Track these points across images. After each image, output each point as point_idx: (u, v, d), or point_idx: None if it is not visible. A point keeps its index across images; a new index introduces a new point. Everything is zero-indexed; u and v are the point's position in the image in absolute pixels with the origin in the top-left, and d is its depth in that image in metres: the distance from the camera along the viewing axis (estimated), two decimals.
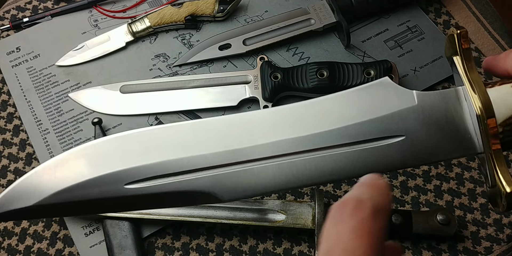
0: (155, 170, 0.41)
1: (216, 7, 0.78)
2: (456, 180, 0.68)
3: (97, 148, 0.42)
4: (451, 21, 0.79)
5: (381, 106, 0.41)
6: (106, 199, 0.41)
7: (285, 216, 0.63)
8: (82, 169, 0.41)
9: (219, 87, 0.73)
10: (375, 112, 0.41)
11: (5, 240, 0.68)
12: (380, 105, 0.41)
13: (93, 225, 0.67)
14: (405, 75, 0.75)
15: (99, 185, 0.41)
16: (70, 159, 0.42)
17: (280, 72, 0.71)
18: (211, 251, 0.66)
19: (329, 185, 0.69)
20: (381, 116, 0.41)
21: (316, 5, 0.77)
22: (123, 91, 0.74)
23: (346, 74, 0.70)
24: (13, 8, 0.84)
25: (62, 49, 0.78)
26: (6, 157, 0.73)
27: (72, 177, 0.41)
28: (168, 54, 0.78)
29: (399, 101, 0.41)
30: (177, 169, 0.41)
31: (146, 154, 0.41)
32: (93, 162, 0.41)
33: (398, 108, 0.41)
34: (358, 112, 0.41)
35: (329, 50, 0.77)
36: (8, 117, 0.76)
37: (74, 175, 0.41)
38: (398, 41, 0.77)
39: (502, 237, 0.65)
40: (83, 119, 0.74)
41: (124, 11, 0.81)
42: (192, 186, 0.41)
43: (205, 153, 0.41)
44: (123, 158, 0.41)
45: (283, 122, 0.42)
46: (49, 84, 0.77)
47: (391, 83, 0.42)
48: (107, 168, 0.41)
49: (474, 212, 0.66)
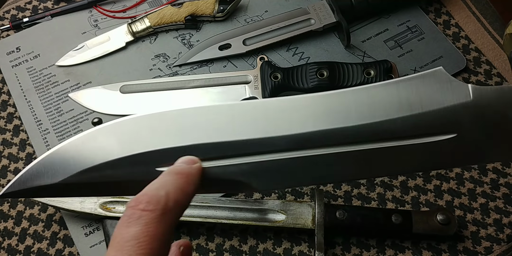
0: (189, 153, 0.38)
1: (216, 7, 0.78)
2: (456, 180, 0.68)
3: (128, 126, 0.39)
4: (451, 21, 0.79)
5: (432, 100, 0.38)
6: (135, 181, 0.38)
7: (285, 216, 0.63)
8: (112, 147, 0.38)
9: (219, 87, 0.73)
10: (426, 106, 0.38)
11: (5, 240, 0.68)
12: (432, 98, 0.38)
13: (93, 225, 0.67)
14: (405, 75, 0.74)
15: (129, 165, 0.38)
16: (99, 135, 0.39)
17: (280, 72, 0.71)
18: (211, 251, 0.66)
19: (329, 185, 0.69)
20: (431, 110, 0.38)
21: (316, 5, 0.77)
22: (123, 91, 0.74)
23: (346, 74, 0.70)
24: (13, 8, 0.84)
25: (62, 49, 0.78)
26: (6, 157, 0.73)
27: (101, 155, 0.38)
28: (168, 54, 0.78)
29: (452, 95, 0.38)
30: (212, 154, 0.38)
31: (181, 135, 0.38)
32: (123, 141, 0.38)
33: (451, 103, 0.38)
34: (406, 104, 0.38)
35: (329, 50, 0.77)
36: (8, 117, 0.76)
37: (102, 153, 0.38)
38: (398, 41, 0.77)
39: (502, 237, 0.65)
40: (83, 119, 0.74)
41: (124, 11, 0.81)
42: (228, 172, 0.38)
43: (244, 138, 0.38)
44: (156, 138, 0.38)
45: (328, 110, 0.38)
46: (49, 84, 0.77)
47: (446, 74, 0.38)
48: (138, 147, 0.38)
49: (474, 212, 0.66)
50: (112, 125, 0.39)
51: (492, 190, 0.68)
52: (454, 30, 0.79)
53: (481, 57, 0.77)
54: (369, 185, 0.69)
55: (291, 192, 0.68)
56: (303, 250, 0.65)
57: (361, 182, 0.69)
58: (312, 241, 0.65)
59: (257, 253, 0.65)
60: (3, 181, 0.71)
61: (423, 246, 0.65)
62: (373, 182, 0.69)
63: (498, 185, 0.68)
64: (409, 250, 0.64)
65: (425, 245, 0.65)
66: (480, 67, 0.76)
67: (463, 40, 0.78)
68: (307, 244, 0.66)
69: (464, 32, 0.78)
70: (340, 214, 0.63)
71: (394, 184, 0.68)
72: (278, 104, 0.39)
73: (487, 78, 0.75)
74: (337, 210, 0.63)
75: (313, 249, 0.65)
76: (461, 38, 0.78)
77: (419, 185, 0.68)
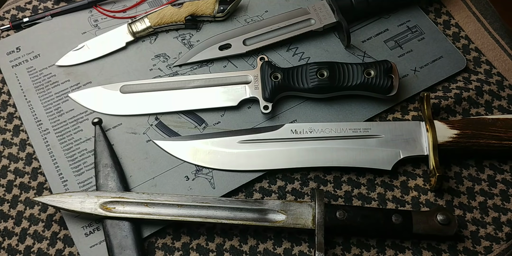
0: None
1: (216, 7, 0.78)
2: (455, 179, 0.68)
3: None
4: (451, 21, 0.79)
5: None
6: None
7: (285, 216, 0.63)
8: None
9: (219, 87, 0.73)
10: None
11: (5, 240, 0.68)
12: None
13: (93, 225, 0.67)
14: (405, 75, 0.75)
15: None
16: None
17: (280, 72, 0.71)
18: (211, 251, 0.66)
19: (329, 185, 0.69)
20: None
21: (316, 5, 0.77)
22: (123, 91, 0.74)
23: (346, 74, 0.70)
24: (13, 8, 0.84)
25: (62, 49, 0.78)
26: (6, 157, 0.73)
27: None
28: (168, 54, 0.78)
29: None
30: None
31: None
32: None
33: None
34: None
35: (329, 50, 0.77)
36: (8, 117, 0.76)
37: None
38: (398, 41, 0.77)
39: (501, 236, 0.65)
40: (83, 119, 0.74)
41: (124, 11, 0.81)
42: None
43: None
44: None
45: None
46: (49, 84, 0.77)
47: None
48: None
49: (473, 211, 0.66)
50: None
51: (490, 188, 0.68)
52: (454, 30, 0.79)
53: (481, 57, 0.77)
54: (369, 185, 0.69)
55: (291, 192, 0.68)
56: (303, 250, 0.65)
57: (361, 182, 0.69)
58: (312, 241, 0.66)
59: (257, 253, 0.65)
60: (3, 181, 0.71)
61: (423, 246, 0.65)
62: (374, 182, 0.69)
63: (495, 181, 0.68)
64: (409, 250, 0.64)
65: (425, 245, 0.65)
66: (480, 67, 0.76)
67: (463, 40, 0.78)
68: (307, 244, 0.66)
69: (464, 32, 0.78)
70: (340, 214, 0.63)
71: (395, 184, 0.68)
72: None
73: (487, 77, 0.75)
74: (337, 210, 0.63)
75: (313, 249, 0.65)
76: (461, 38, 0.78)
77: (419, 185, 0.68)
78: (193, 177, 0.69)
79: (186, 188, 0.69)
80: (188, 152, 0.70)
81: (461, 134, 0.66)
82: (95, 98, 0.75)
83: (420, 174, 0.69)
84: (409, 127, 0.68)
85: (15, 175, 0.72)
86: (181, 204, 0.64)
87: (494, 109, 0.73)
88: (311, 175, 0.69)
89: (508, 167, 0.69)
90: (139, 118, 0.74)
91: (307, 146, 0.69)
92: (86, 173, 0.70)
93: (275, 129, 0.70)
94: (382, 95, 0.71)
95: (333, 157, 0.68)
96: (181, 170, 0.70)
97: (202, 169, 0.70)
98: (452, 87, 0.74)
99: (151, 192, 0.67)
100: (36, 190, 0.70)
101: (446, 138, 0.66)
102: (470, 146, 0.66)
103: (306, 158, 0.68)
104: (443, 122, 0.67)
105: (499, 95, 0.74)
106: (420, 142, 0.67)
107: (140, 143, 0.72)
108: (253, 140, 0.70)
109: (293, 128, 0.70)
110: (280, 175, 0.70)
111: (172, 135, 0.72)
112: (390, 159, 0.67)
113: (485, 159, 0.70)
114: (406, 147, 0.67)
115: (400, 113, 0.73)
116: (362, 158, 0.68)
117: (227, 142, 0.70)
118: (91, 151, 0.72)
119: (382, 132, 0.68)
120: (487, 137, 0.66)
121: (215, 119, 0.73)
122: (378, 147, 0.68)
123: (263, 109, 0.71)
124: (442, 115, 0.72)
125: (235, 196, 0.68)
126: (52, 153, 0.72)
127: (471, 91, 0.73)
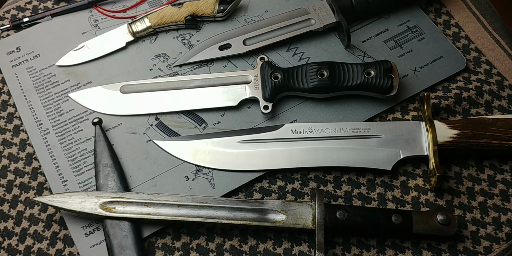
0: None
1: (216, 7, 0.78)
2: (455, 179, 0.68)
3: None
4: (451, 21, 0.79)
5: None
6: None
7: (285, 216, 0.63)
8: None
9: (219, 87, 0.73)
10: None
11: (5, 240, 0.68)
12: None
13: (93, 225, 0.67)
14: (405, 75, 0.75)
15: None
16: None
17: (280, 72, 0.71)
18: (211, 251, 0.66)
19: (329, 185, 0.69)
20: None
21: (316, 5, 0.77)
22: (123, 91, 0.74)
23: (346, 74, 0.70)
24: (13, 8, 0.84)
25: (62, 49, 0.78)
26: (6, 157, 0.73)
27: None
28: (168, 54, 0.78)
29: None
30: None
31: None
32: None
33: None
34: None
35: (329, 50, 0.77)
36: (8, 117, 0.76)
37: None
38: (398, 41, 0.77)
39: (501, 236, 0.65)
40: (83, 119, 0.74)
41: (124, 11, 0.81)
42: None
43: None
44: None
45: None
46: (49, 84, 0.77)
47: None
48: None
49: (473, 211, 0.66)
50: None
51: (490, 188, 0.68)
52: (454, 30, 0.79)
53: (481, 57, 0.77)
54: (369, 185, 0.69)
55: (291, 192, 0.68)
56: (303, 250, 0.65)
57: (361, 182, 0.69)
58: (312, 241, 0.66)
59: (257, 253, 0.65)
60: (3, 181, 0.71)
61: (423, 246, 0.65)
62: (374, 182, 0.69)
63: (495, 181, 0.68)
64: (409, 250, 0.64)
65: (425, 245, 0.65)
66: (480, 67, 0.76)
67: (463, 40, 0.78)
68: (307, 244, 0.66)
69: (464, 32, 0.78)
70: (340, 214, 0.63)
71: (395, 184, 0.68)
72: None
73: (487, 77, 0.75)
74: (337, 210, 0.63)
75: (313, 249, 0.65)
76: (461, 38, 0.78)
77: (419, 185, 0.68)
78: (193, 177, 0.69)
79: (186, 188, 0.69)
80: (188, 152, 0.70)
81: (461, 134, 0.66)
82: (95, 98, 0.75)
83: (420, 174, 0.69)
84: (409, 127, 0.68)
85: (15, 175, 0.72)
86: (181, 204, 0.64)
87: (494, 109, 0.73)
88: (311, 175, 0.69)
89: (508, 167, 0.69)
90: (139, 118, 0.74)
91: (307, 146, 0.69)
92: (86, 173, 0.70)
93: (275, 129, 0.70)
94: (382, 95, 0.71)
95: (333, 157, 0.68)
96: (181, 170, 0.70)
97: (202, 169, 0.70)
98: (452, 87, 0.74)
99: (151, 192, 0.67)
100: (36, 190, 0.70)
101: (446, 138, 0.66)
102: (470, 146, 0.66)
103: (306, 158, 0.68)
104: (443, 122, 0.67)
105: (499, 95, 0.74)
106: (420, 142, 0.67)
107: (140, 143, 0.72)
108: (253, 140, 0.70)
109: (293, 128, 0.70)
110: (280, 175, 0.70)
111: (172, 135, 0.72)
112: (390, 159, 0.67)
113: (485, 159, 0.70)
114: (406, 147, 0.67)
115: (400, 113, 0.73)
116: (362, 158, 0.68)
117: (227, 142, 0.70)
118: (91, 151, 0.72)
119: (382, 132, 0.68)
120: (487, 137, 0.66)
121: (215, 119, 0.73)
122: (378, 147, 0.68)
123: (263, 109, 0.71)
124: (442, 115, 0.72)
125: (235, 196, 0.68)
126: (52, 153, 0.72)
127: (471, 91, 0.73)
